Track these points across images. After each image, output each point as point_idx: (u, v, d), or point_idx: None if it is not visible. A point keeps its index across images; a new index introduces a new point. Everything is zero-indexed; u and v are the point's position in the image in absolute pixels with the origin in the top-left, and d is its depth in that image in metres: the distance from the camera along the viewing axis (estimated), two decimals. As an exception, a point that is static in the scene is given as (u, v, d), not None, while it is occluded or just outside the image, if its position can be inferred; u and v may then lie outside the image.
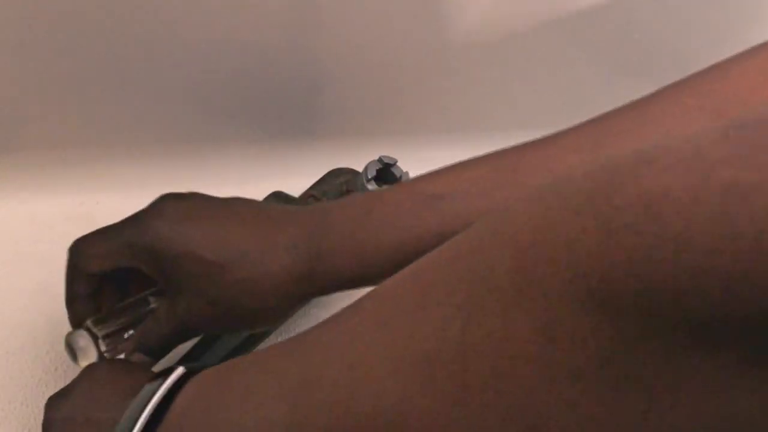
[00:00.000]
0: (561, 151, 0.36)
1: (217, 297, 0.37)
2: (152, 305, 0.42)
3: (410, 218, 0.35)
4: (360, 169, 0.55)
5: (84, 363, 0.42)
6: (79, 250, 0.42)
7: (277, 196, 0.51)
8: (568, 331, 0.17)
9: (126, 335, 0.42)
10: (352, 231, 0.36)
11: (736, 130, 0.16)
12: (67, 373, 0.49)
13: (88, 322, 0.42)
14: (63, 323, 0.52)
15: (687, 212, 0.15)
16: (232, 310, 0.37)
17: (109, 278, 0.42)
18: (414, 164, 0.51)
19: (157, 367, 0.40)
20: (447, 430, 0.19)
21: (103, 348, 0.42)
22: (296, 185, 0.54)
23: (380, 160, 0.48)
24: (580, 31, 0.61)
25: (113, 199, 0.60)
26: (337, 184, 0.54)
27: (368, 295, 0.24)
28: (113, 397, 0.35)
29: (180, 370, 0.31)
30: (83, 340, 0.42)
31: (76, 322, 0.43)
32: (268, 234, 0.37)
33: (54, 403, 0.38)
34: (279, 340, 0.52)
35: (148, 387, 0.31)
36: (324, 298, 0.52)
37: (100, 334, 0.42)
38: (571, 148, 0.36)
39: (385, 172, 0.49)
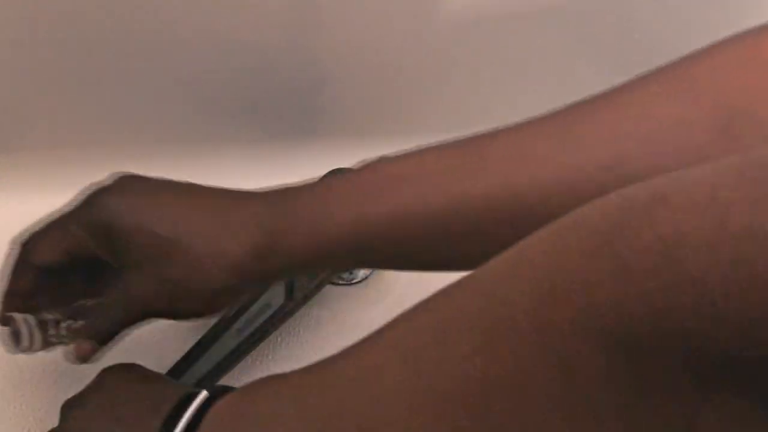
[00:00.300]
0: (531, 137, 0.36)
1: (170, 275, 0.36)
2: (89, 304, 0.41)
3: (370, 198, 0.35)
4: (360, 168, 0.55)
5: (24, 348, 0.40)
6: (34, 240, 0.41)
7: (277, 196, 0.51)
8: (588, 373, 0.17)
9: (67, 324, 0.40)
10: (311, 209, 0.35)
11: (752, 169, 0.16)
12: (66, 373, 0.49)
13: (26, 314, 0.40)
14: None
15: (704, 257, 0.15)
16: (185, 289, 0.36)
17: (50, 277, 0.40)
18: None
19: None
20: None
21: (51, 332, 0.40)
22: (296, 185, 0.54)
23: (380, 159, 0.48)
24: (581, 30, 0.61)
25: (113, 199, 0.60)
26: (337, 184, 0.54)
27: (389, 325, 0.24)
28: (134, 415, 0.35)
29: (204, 395, 0.31)
30: (26, 325, 0.40)
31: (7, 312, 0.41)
32: (226, 212, 0.37)
33: (70, 412, 0.38)
34: (279, 340, 0.52)
35: (170, 413, 0.31)
36: (325, 298, 0.52)
37: (42, 318, 0.40)
38: (542, 134, 0.36)
39: (386, 172, 0.49)
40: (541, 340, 0.18)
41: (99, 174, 0.60)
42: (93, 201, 0.38)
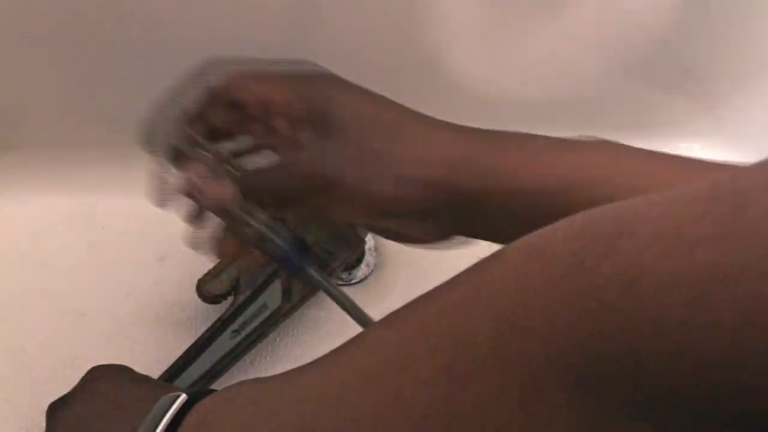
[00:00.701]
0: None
1: (370, 146, 0.34)
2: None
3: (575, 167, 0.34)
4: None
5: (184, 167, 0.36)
6: (242, 78, 0.39)
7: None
8: (548, 405, 0.17)
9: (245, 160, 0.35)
10: (516, 155, 0.35)
11: (718, 204, 0.15)
12: (66, 374, 0.49)
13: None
14: (63, 321, 0.53)
15: (666, 295, 0.15)
16: (382, 163, 0.34)
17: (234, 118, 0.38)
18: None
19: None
20: None
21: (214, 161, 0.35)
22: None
23: (379, 160, 0.48)
24: (580, 30, 0.61)
25: (112, 199, 0.60)
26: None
27: (356, 339, 0.24)
28: (118, 413, 0.35)
29: (183, 398, 0.31)
30: (188, 142, 0.35)
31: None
32: (434, 128, 0.36)
33: (56, 412, 0.38)
34: (277, 341, 0.52)
35: (152, 413, 0.30)
36: (323, 299, 0.52)
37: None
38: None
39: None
40: (502, 370, 0.17)
41: (99, 173, 0.60)
42: (313, 77, 0.37)
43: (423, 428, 0.19)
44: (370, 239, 0.57)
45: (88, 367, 0.43)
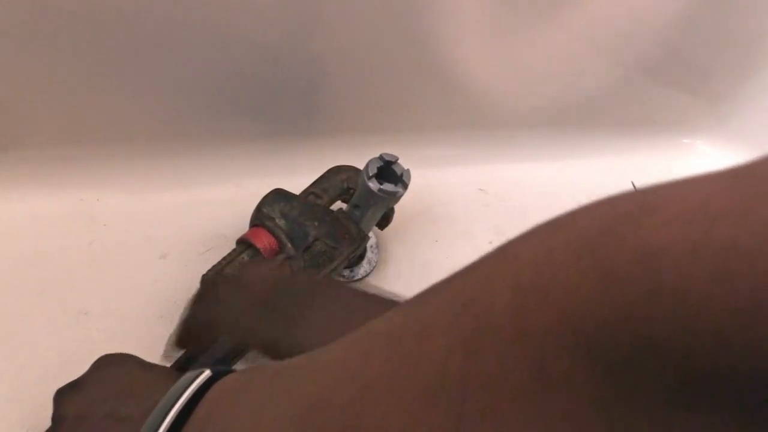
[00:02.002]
0: None
1: None
2: None
3: None
4: (360, 166, 0.55)
5: None
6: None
7: (278, 194, 0.51)
8: (563, 376, 0.17)
9: None
10: None
11: (743, 182, 0.15)
12: (70, 372, 0.49)
13: None
14: (62, 319, 0.52)
15: (685, 269, 0.15)
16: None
17: None
18: (415, 162, 0.50)
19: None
20: None
21: None
22: (297, 183, 0.54)
23: (381, 157, 0.48)
24: (583, 28, 0.61)
25: (113, 196, 0.60)
26: (337, 182, 0.54)
27: (382, 316, 0.24)
28: (132, 395, 0.35)
29: (207, 373, 0.31)
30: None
31: None
32: None
33: (65, 397, 0.38)
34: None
35: (176, 387, 0.30)
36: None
37: None
38: None
39: (386, 170, 0.49)
40: (520, 341, 0.18)
41: (99, 171, 0.60)
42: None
43: (437, 397, 0.19)
44: (372, 237, 0.57)
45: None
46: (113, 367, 0.39)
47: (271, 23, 0.54)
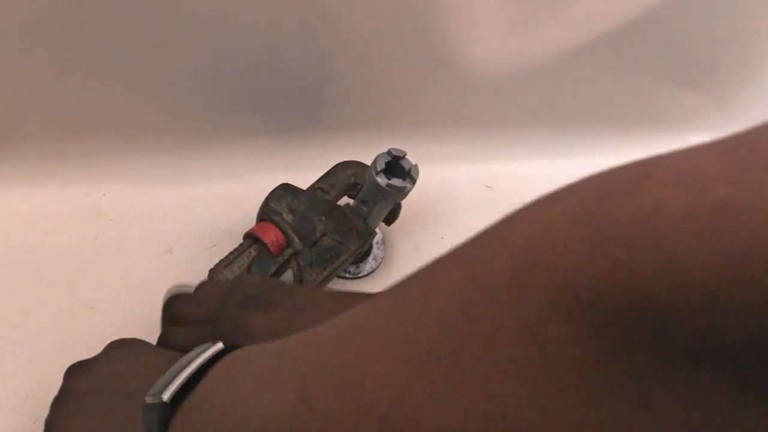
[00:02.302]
0: None
1: None
2: None
3: None
4: (367, 162, 0.54)
5: None
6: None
7: (285, 189, 0.51)
8: (554, 337, 0.17)
9: None
10: None
11: (733, 147, 0.16)
12: (74, 362, 0.49)
13: None
14: (68, 313, 0.52)
15: (679, 228, 0.15)
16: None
17: None
18: (422, 158, 0.50)
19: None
20: (433, 426, 0.19)
21: None
22: (304, 178, 0.54)
23: (389, 152, 0.48)
24: (592, 24, 0.61)
25: (119, 191, 0.60)
26: (344, 177, 0.54)
27: (388, 288, 0.24)
28: (142, 374, 0.35)
29: (219, 345, 0.31)
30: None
31: None
32: None
33: (75, 373, 0.38)
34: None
35: (188, 355, 0.31)
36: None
37: None
38: None
39: (394, 165, 0.49)
40: (515, 304, 0.18)
41: (105, 165, 0.60)
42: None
43: (435, 358, 0.20)
44: (378, 233, 0.57)
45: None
46: (125, 348, 0.39)
47: (280, 17, 0.54)
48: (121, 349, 0.40)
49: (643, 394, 0.16)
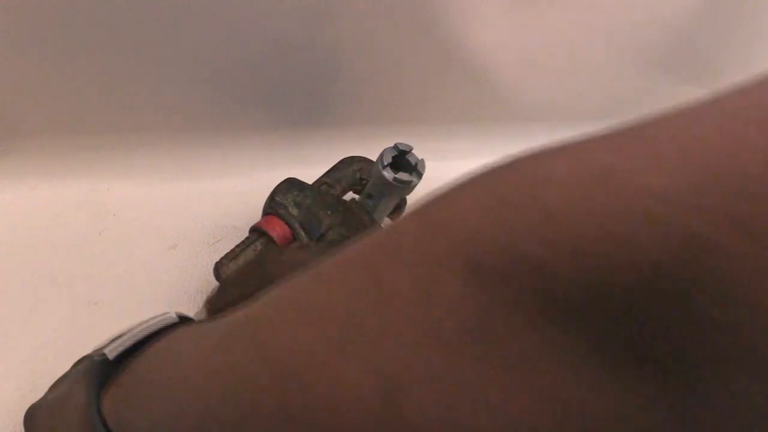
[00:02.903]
0: None
1: None
2: None
3: None
4: (372, 157, 0.54)
5: None
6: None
7: (291, 183, 0.51)
8: (444, 296, 0.18)
9: None
10: None
11: (618, 128, 0.18)
12: (78, 358, 0.49)
13: None
14: (72, 309, 0.52)
15: (562, 192, 0.16)
16: None
17: None
18: (426, 154, 0.50)
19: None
20: (329, 376, 0.20)
21: None
22: (308, 174, 0.54)
23: (396, 147, 0.48)
24: (600, 22, 0.61)
25: (124, 186, 0.60)
26: (350, 172, 0.54)
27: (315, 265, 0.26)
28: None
29: (171, 315, 0.33)
30: None
31: None
32: None
33: (77, 365, 0.40)
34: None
35: (144, 322, 0.33)
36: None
37: None
38: None
39: (401, 160, 0.48)
40: (415, 263, 0.19)
41: (110, 160, 0.60)
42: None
43: (337, 317, 0.21)
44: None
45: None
46: None
47: (285, 12, 0.53)
48: None
49: (521, 352, 0.17)
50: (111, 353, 0.31)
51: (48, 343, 0.50)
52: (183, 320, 0.33)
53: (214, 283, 0.55)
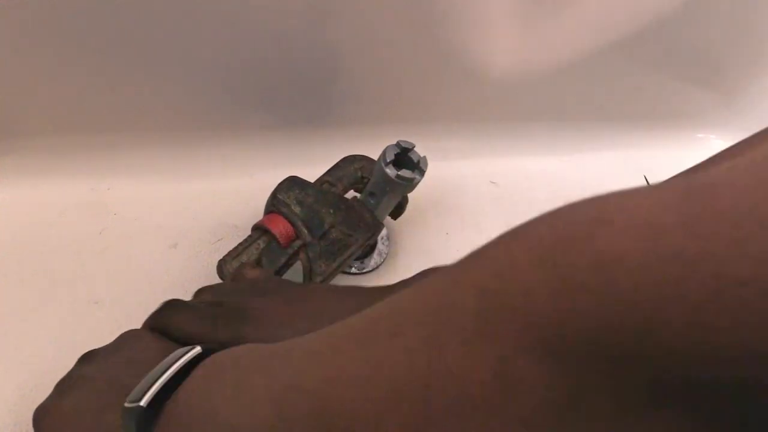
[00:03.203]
0: None
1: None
2: None
3: None
4: (371, 156, 0.54)
5: None
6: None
7: (293, 181, 0.51)
8: (521, 378, 0.18)
9: None
10: None
11: (688, 195, 0.17)
12: (76, 356, 0.49)
13: None
14: (73, 308, 0.52)
15: (636, 276, 0.16)
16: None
17: None
18: (427, 153, 0.50)
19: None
20: None
21: None
22: (309, 173, 0.54)
23: (398, 144, 0.48)
24: (597, 20, 0.61)
25: (124, 185, 0.60)
26: (351, 171, 0.54)
27: (359, 314, 0.25)
28: (138, 364, 0.35)
29: (198, 349, 0.32)
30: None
31: None
32: None
33: (80, 362, 0.40)
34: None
35: (167, 360, 0.31)
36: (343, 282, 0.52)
37: None
38: None
39: (403, 157, 0.48)
40: (483, 343, 0.19)
41: (110, 159, 0.59)
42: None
43: (403, 393, 0.20)
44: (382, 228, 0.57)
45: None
46: (129, 340, 0.40)
47: (287, 11, 0.53)
48: (126, 340, 0.40)
49: None
50: (144, 400, 0.30)
51: (49, 343, 0.50)
52: (206, 350, 0.32)
53: (215, 282, 0.55)
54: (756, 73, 0.69)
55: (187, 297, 0.53)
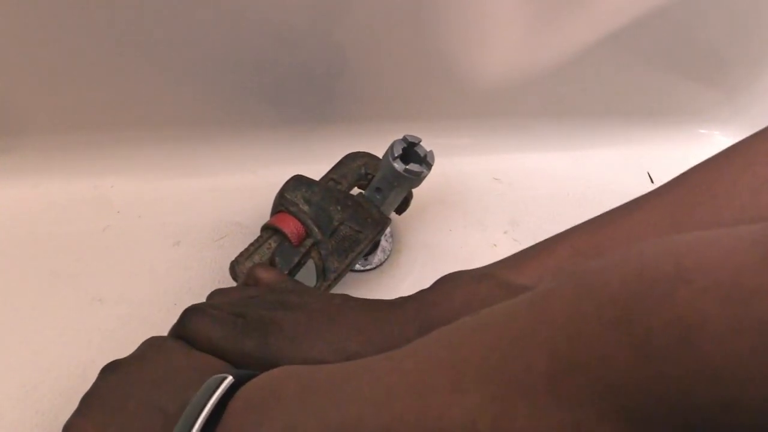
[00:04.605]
0: (640, 227, 0.35)
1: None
2: None
3: None
4: (374, 153, 0.54)
5: None
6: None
7: (299, 180, 0.51)
8: None
9: None
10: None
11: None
12: (83, 359, 0.49)
13: None
14: (76, 305, 0.52)
15: (724, 344, 0.15)
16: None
17: None
18: (432, 149, 0.50)
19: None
20: None
21: None
22: (312, 170, 0.54)
23: (405, 138, 0.48)
24: (600, 17, 0.61)
25: (127, 183, 0.59)
26: (355, 167, 0.53)
27: (409, 352, 0.24)
28: (170, 383, 0.34)
29: (229, 380, 0.31)
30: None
31: None
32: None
33: (106, 374, 0.37)
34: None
35: (197, 395, 0.30)
36: (341, 285, 0.51)
37: None
38: (650, 224, 0.35)
39: (410, 151, 0.48)
40: (554, 403, 0.18)
41: (113, 157, 0.59)
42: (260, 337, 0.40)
43: None
44: (386, 224, 0.57)
45: (105, 352, 0.42)
46: (158, 353, 0.38)
47: (291, 8, 0.53)
48: (154, 352, 0.39)
49: None
50: None
51: (52, 340, 0.50)
52: (239, 377, 0.31)
53: (218, 280, 0.55)
54: (759, 70, 0.69)
55: (191, 294, 0.53)
